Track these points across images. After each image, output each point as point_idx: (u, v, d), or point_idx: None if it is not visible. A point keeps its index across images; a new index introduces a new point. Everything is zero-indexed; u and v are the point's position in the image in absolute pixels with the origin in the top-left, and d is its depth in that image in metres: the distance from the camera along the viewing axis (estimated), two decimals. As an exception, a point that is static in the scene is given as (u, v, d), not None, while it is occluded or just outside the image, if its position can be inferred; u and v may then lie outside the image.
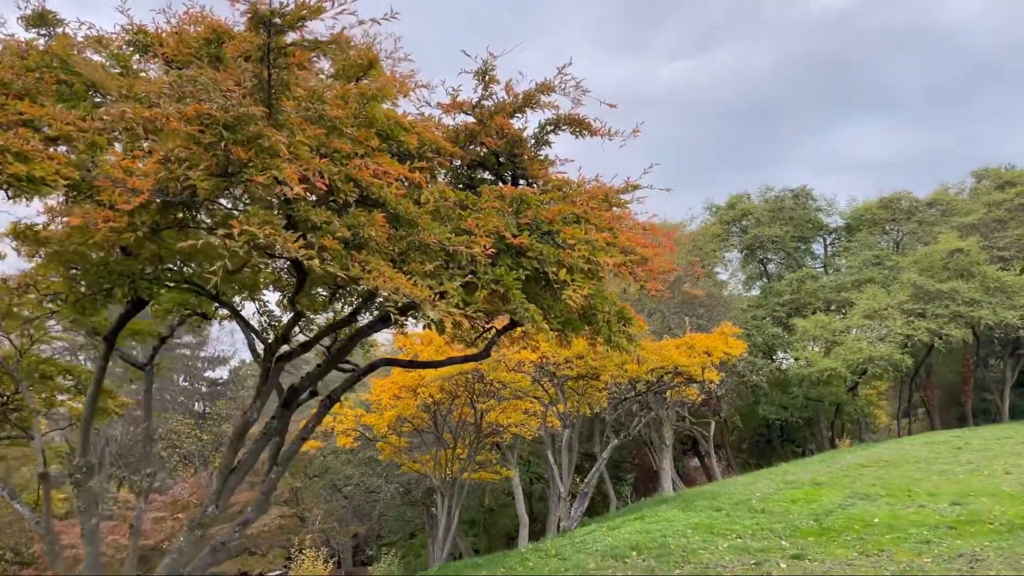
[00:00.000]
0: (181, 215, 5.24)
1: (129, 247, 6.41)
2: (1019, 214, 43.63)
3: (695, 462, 47.39)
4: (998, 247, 42.42)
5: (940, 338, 36.74)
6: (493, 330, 10.58)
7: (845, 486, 17.60)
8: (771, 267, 53.18)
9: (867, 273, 44.84)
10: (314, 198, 5.20)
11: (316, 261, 4.52)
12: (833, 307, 45.63)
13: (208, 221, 5.57)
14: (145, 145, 5.12)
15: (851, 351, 36.05)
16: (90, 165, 5.21)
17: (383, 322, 7.87)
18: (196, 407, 52.76)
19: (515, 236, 5.98)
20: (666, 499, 19.33)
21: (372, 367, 9.48)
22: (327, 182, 5.09)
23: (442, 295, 5.87)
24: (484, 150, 7.30)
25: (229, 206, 5.54)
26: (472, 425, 21.53)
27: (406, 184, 5.84)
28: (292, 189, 4.46)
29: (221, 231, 4.42)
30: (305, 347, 8.03)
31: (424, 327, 9.93)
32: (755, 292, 51.67)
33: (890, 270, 44.65)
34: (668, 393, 19.88)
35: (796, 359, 40.60)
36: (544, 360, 16.69)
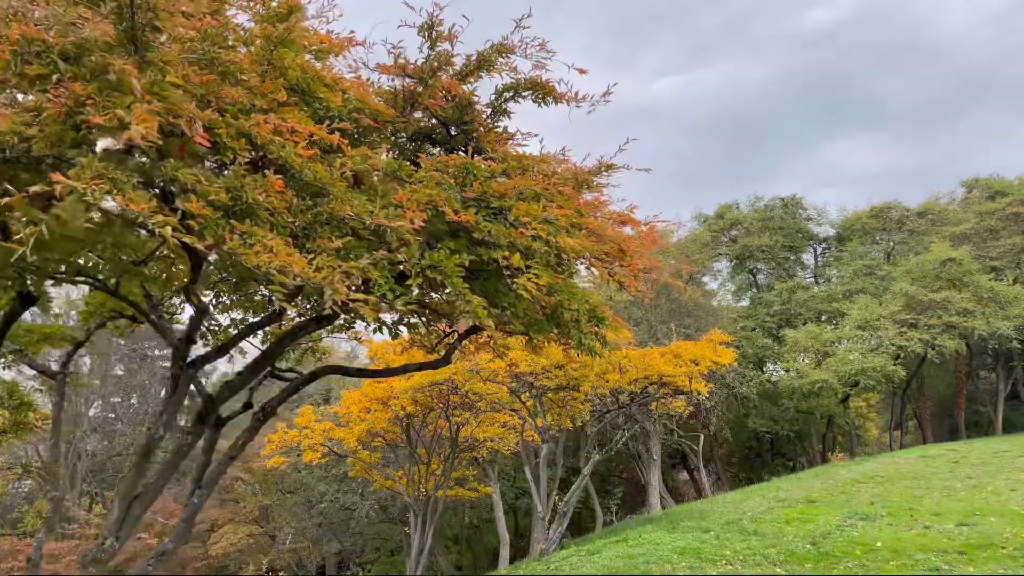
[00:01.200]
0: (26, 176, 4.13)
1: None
2: (1011, 224, 43.12)
3: (684, 476, 46.34)
4: (990, 256, 41.85)
5: (933, 349, 35.98)
6: (455, 335, 9.49)
7: (842, 504, 16.52)
8: (761, 277, 52.38)
9: (858, 283, 44.07)
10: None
11: (168, 229, 3.43)
12: (824, 318, 44.85)
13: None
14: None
15: (843, 362, 35.21)
16: None
17: (318, 322, 6.75)
18: (180, 421, 51.41)
19: (457, 212, 4.88)
20: (652, 518, 18.21)
21: (314, 376, 8.35)
22: (210, 137, 4.00)
23: (366, 285, 4.76)
24: (431, 121, 6.22)
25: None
26: (447, 439, 20.36)
27: (323, 149, 4.75)
28: (139, 134, 3.37)
29: (36, 187, 3.33)
30: (221, 351, 6.90)
31: (374, 330, 8.83)
32: (745, 303, 50.82)
33: (881, 280, 43.89)
34: (654, 405, 18.79)
35: (787, 371, 39.74)
36: (513, 367, 15.58)
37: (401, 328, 9.40)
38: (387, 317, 9.08)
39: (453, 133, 6.28)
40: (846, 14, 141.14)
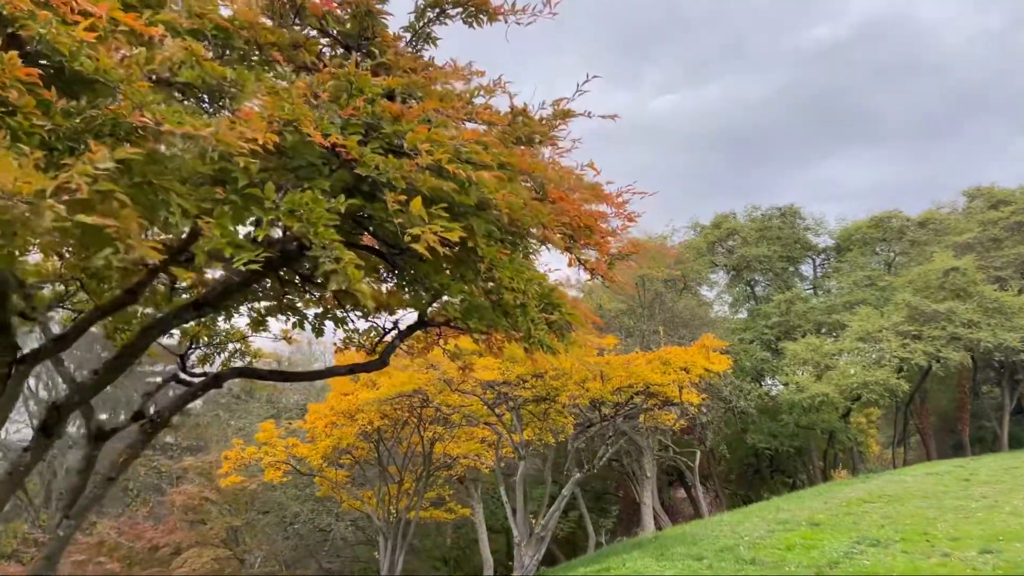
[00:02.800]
0: None
1: None
2: (1014, 233, 42.02)
3: (682, 494, 44.77)
4: (994, 266, 40.64)
5: (938, 361, 34.73)
6: (398, 332, 8.06)
7: (848, 527, 15.02)
8: (759, 289, 51.06)
9: (859, 294, 42.78)
10: None
11: None
12: (824, 330, 43.50)
13: None
14: None
15: (844, 375, 33.89)
16: None
17: (196, 308, 5.32)
18: (169, 439, 49.98)
19: (328, 136, 3.49)
20: (641, 542, 16.67)
21: (218, 379, 6.93)
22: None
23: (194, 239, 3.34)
24: (323, 37, 4.83)
25: None
26: (421, 456, 18.87)
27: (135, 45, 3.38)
28: None
29: None
30: (60, 342, 5.47)
31: (293, 324, 7.41)
32: (743, 315, 49.46)
33: (883, 291, 42.62)
34: (642, 418, 17.29)
35: (786, 384, 38.35)
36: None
37: (337, 325, 8.00)
38: (309, 312, 7.68)
39: (357, 59, 4.88)
40: (845, 32, 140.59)
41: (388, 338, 8.36)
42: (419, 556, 35.10)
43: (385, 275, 7.54)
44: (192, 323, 7.02)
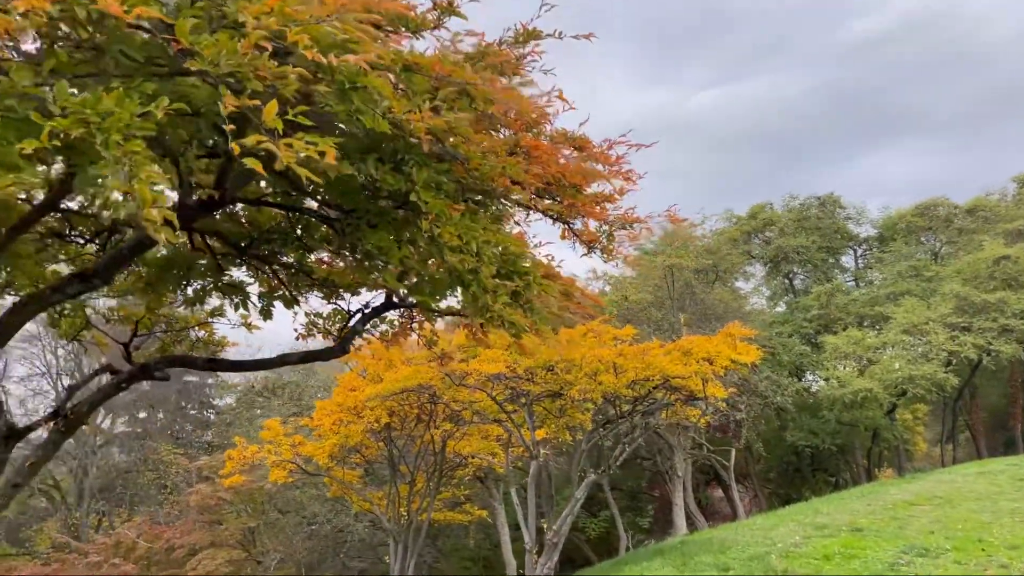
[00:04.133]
0: None
1: None
2: (1068, 220, 40.02)
3: (719, 493, 43.32)
4: (1048, 254, 38.59)
5: (988, 354, 33.07)
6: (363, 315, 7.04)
7: (894, 533, 13.67)
8: (797, 282, 49.28)
9: (904, 285, 40.89)
10: None
11: None
12: (867, 322, 41.70)
13: None
14: None
15: (888, 370, 32.31)
16: None
17: (82, 279, 4.34)
18: (207, 436, 50.12)
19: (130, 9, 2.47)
20: (663, 549, 15.47)
21: (147, 370, 5.96)
22: None
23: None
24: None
25: None
26: (433, 455, 17.87)
27: None
28: None
29: None
30: None
31: (235, 306, 6.43)
32: (780, 309, 47.75)
33: (929, 281, 40.74)
34: (663, 414, 16.03)
35: (826, 379, 36.80)
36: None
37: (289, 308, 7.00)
38: (253, 290, 6.68)
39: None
40: (887, 26, 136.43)
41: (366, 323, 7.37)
42: (448, 557, 34.27)
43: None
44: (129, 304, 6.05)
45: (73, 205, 5.42)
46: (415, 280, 4.91)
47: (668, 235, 32.73)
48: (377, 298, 7.01)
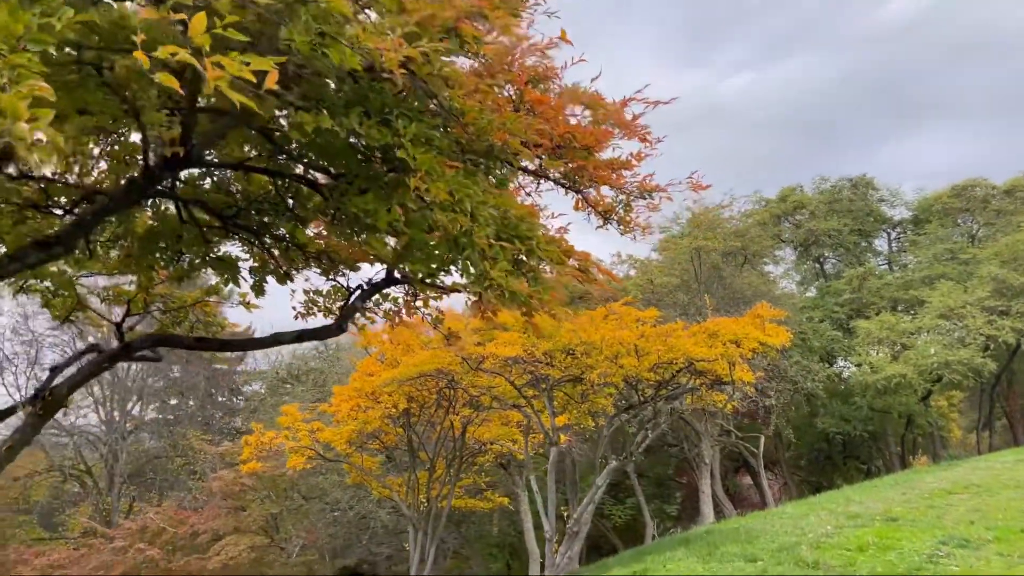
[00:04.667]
0: None
1: None
2: (1111, 200, 38.64)
3: (748, 480, 42.67)
4: (1088, 237, 37.30)
5: (1028, 339, 32.08)
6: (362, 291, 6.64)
7: (931, 523, 13.06)
8: (828, 266, 48.22)
9: (939, 268, 39.75)
10: None
11: None
12: (900, 307, 40.65)
13: None
14: None
15: (923, 355, 31.41)
16: None
17: (43, 247, 3.98)
18: (236, 423, 50.48)
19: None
20: (688, 538, 15.00)
21: (129, 350, 5.64)
22: None
23: None
24: None
25: None
26: (452, 441, 17.53)
27: None
28: None
29: None
30: None
31: (225, 281, 6.07)
32: (811, 294, 46.72)
33: (965, 264, 39.55)
34: (688, 399, 15.50)
35: (858, 365, 35.90)
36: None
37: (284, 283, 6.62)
38: (245, 266, 6.30)
39: None
40: (921, 9, 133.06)
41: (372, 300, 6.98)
42: (472, 543, 34.04)
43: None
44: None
45: (47, 172, 5.07)
46: (406, 246, 4.49)
47: (695, 217, 32.07)
48: (379, 275, 6.63)
